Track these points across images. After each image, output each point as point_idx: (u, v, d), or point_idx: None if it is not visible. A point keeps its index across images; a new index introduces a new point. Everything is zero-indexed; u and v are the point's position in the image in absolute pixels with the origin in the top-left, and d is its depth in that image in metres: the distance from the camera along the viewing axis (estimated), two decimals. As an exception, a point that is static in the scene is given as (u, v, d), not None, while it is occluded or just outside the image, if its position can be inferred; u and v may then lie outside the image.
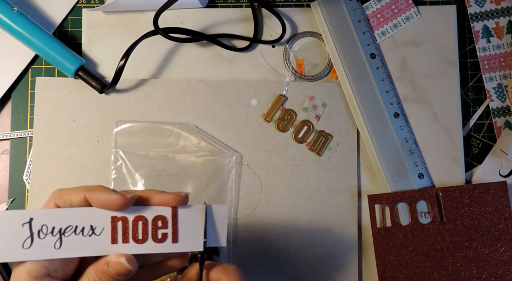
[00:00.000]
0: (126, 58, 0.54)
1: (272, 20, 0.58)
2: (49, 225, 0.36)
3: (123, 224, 0.36)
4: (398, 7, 0.58)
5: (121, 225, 0.36)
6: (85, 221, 0.36)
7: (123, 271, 0.36)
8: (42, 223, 0.36)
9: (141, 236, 0.37)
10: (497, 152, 0.57)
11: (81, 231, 0.36)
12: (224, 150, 0.56)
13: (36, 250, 0.35)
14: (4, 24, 0.54)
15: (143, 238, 0.37)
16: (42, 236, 0.36)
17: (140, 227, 0.37)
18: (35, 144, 0.56)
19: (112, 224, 0.36)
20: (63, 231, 0.36)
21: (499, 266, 0.54)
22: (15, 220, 0.35)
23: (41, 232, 0.36)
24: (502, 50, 0.58)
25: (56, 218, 0.36)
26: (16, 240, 0.35)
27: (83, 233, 0.36)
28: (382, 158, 0.56)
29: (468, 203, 0.54)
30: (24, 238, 0.35)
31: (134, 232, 0.37)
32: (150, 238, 0.37)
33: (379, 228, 0.55)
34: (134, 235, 0.37)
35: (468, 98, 0.58)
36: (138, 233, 0.37)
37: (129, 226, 0.37)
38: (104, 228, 0.36)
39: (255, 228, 0.55)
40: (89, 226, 0.36)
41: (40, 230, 0.36)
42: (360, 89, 0.56)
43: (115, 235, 0.36)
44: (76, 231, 0.36)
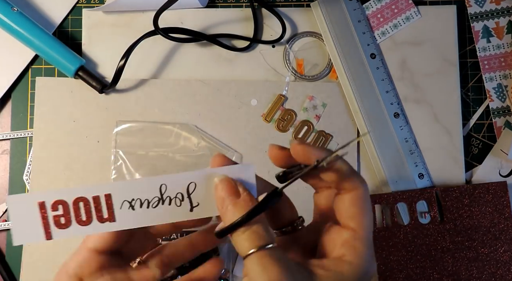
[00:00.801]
0: (126, 58, 0.54)
1: (272, 20, 0.58)
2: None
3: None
4: (398, 7, 0.58)
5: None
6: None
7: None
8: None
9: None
10: (497, 152, 0.57)
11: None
12: (224, 150, 0.56)
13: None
14: (4, 24, 0.54)
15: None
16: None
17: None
18: (35, 144, 0.56)
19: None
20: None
21: (499, 266, 0.54)
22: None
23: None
24: (502, 50, 0.58)
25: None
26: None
27: (133, 207, 0.37)
28: (382, 158, 0.56)
29: (468, 203, 0.54)
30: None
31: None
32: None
33: (379, 228, 0.55)
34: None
35: (468, 98, 0.58)
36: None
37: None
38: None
39: (255, 228, 0.55)
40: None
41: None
42: (360, 89, 0.56)
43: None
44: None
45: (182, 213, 0.37)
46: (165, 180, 0.37)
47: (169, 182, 0.37)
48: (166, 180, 0.37)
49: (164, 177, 0.37)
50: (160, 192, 0.37)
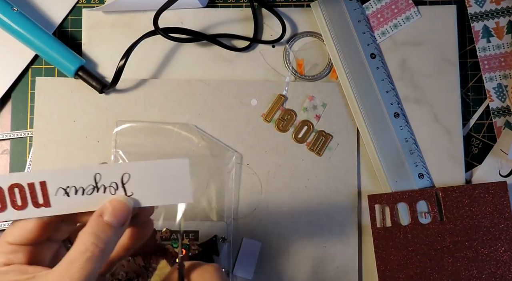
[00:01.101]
0: (126, 58, 0.54)
1: (272, 20, 0.58)
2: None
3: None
4: (398, 7, 0.58)
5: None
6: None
7: (122, 209, 0.36)
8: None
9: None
10: (497, 152, 0.57)
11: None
12: (224, 150, 0.56)
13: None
14: (4, 24, 0.54)
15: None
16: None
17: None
18: (35, 144, 0.56)
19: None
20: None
21: (499, 266, 0.54)
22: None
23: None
24: (502, 50, 0.58)
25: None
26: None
27: (67, 193, 0.37)
28: (382, 158, 0.56)
29: (468, 203, 0.55)
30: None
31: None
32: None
33: (379, 228, 0.55)
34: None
35: (468, 98, 0.58)
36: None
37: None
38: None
39: (255, 228, 0.55)
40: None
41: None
42: (360, 89, 0.56)
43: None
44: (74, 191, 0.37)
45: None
46: (100, 170, 0.37)
47: (103, 172, 0.37)
48: (100, 170, 0.37)
49: (99, 167, 0.38)
50: (95, 180, 0.37)
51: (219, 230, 0.54)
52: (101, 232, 0.35)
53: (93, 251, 0.34)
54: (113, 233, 0.35)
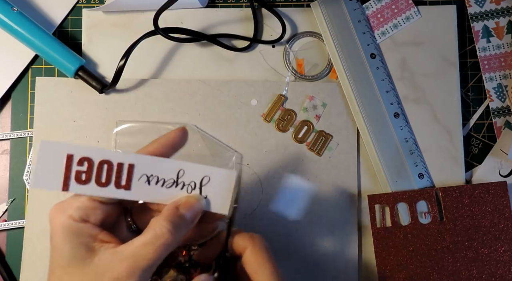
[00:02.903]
0: (126, 58, 0.54)
1: (272, 20, 0.58)
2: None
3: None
4: (398, 7, 0.58)
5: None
6: (154, 171, 0.38)
7: (196, 207, 0.38)
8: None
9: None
10: (497, 152, 0.57)
11: (148, 179, 0.38)
12: (224, 150, 0.56)
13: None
14: (4, 24, 0.54)
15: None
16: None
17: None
18: (35, 144, 0.56)
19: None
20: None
21: (499, 266, 0.54)
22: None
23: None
24: (502, 50, 0.58)
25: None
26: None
27: (149, 182, 0.38)
28: (382, 158, 0.56)
29: (468, 203, 0.55)
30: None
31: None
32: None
33: (379, 228, 0.55)
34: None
35: (468, 98, 0.58)
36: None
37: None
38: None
39: (255, 228, 0.55)
40: (156, 176, 0.38)
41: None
42: (360, 89, 0.56)
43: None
44: (149, 179, 0.38)
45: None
46: (185, 166, 0.38)
47: (187, 169, 0.38)
48: (185, 167, 0.38)
49: (185, 164, 0.39)
50: (177, 176, 0.38)
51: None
52: (176, 223, 0.36)
53: (168, 238, 0.36)
54: (184, 226, 0.37)
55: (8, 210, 0.56)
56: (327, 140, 0.57)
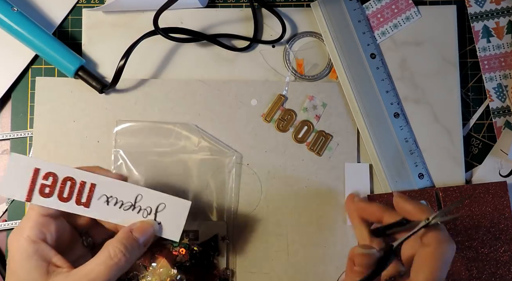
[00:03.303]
0: (126, 58, 0.54)
1: (272, 20, 0.58)
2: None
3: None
4: (398, 7, 0.58)
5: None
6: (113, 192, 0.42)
7: (149, 232, 0.40)
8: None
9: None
10: (497, 152, 0.57)
11: (107, 200, 0.41)
12: (224, 150, 0.56)
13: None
14: (4, 24, 0.54)
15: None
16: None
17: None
18: (35, 144, 0.56)
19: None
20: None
21: (499, 266, 0.54)
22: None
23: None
24: (502, 50, 0.58)
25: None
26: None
27: (108, 202, 0.41)
28: (382, 158, 0.56)
29: (468, 203, 0.54)
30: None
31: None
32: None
33: (379, 228, 0.54)
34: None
35: (468, 98, 0.58)
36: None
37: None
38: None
39: (255, 228, 0.55)
40: (115, 198, 0.41)
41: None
42: (360, 89, 0.56)
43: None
44: (108, 200, 0.41)
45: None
46: (143, 192, 0.42)
47: (145, 195, 0.42)
48: (143, 192, 0.42)
49: (143, 189, 0.42)
50: (135, 200, 0.42)
51: (219, 230, 0.54)
52: (129, 245, 0.39)
53: (120, 259, 0.38)
54: (137, 249, 0.40)
55: (8, 210, 0.56)
56: (327, 140, 0.57)
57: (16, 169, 0.40)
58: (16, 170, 0.40)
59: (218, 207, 0.55)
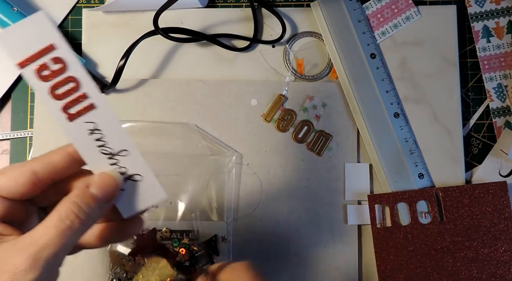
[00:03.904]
0: (126, 58, 0.55)
1: (272, 20, 0.58)
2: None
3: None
4: (398, 7, 0.58)
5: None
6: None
7: (111, 187, 0.33)
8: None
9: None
10: (497, 152, 0.57)
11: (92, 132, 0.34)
12: (224, 150, 0.56)
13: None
14: (4, 24, 0.54)
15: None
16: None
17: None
18: (35, 144, 0.56)
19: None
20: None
21: (499, 266, 0.54)
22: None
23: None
24: (502, 50, 0.58)
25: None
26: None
27: (92, 132, 0.34)
28: (382, 158, 0.56)
29: (468, 203, 0.54)
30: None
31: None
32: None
33: (379, 228, 0.55)
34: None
35: (468, 98, 0.58)
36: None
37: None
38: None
39: (255, 228, 0.55)
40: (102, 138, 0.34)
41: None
42: (360, 89, 0.56)
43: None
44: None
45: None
46: (132, 150, 0.35)
47: (131, 154, 0.35)
48: (132, 150, 0.35)
49: (134, 148, 0.35)
50: (118, 151, 0.35)
51: (219, 230, 0.54)
52: (85, 204, 0.32)
53: (73, 221, 0.31)
54: (97, 207, 0.33)
55: (8, 210, 0.56)
56: (327, 140, 0.57)
57: (32, 29, 0.32)
58: (31, 30, 0.32)
59: (218, 207, 0.55)
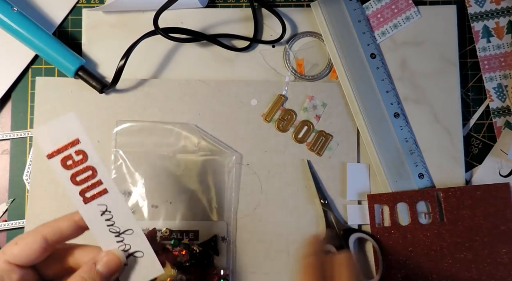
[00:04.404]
0: (126, 58, 0.55)
1: (272, 20, 0.58)
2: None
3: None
4: (398, 7, 0.58)
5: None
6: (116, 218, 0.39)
7: (115, 267, 0.38)
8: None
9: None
10: (497, 152, 0.57)
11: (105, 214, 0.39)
12: (224, 150, 0.56)
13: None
14: (4, 24, 0.54)
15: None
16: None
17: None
18: (35, 144, 0.56)
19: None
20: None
21: (500, 267, 0.54)
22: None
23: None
24: (502, 50, 0.58)
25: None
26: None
27: (103, 214, 0.39)
28: (382, 158, 0.56)
29: (469, 204, 0.54)
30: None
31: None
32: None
33: (378, 228, 0.54)
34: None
35: (468, 98, 0.58)
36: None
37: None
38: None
39: (255, 228, 0.55)
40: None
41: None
42: (360, 89, 0.56)
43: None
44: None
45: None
46: (135, 229, 0.40)
47: (135, 233, 0.39)
48: (135, 230, 0.40)
49: (138, 228, 0.40)
50: (125, 230, 0.39)
51: (219, 230, 0.54)
52: (92, 279, 0.37)
53: None
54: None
55: (8, 210, 0.56)
56: (327, 140, 0.57)
57: (63, 127, 0.38)
58: (62, 127, 0.38)
59: (218, 207, 0.55)
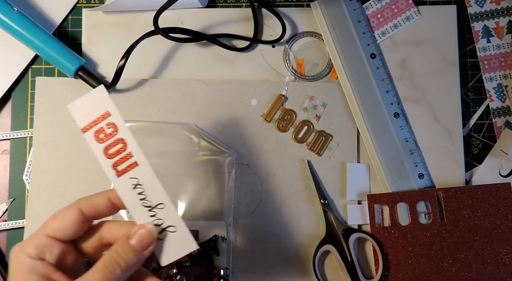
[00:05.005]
0: (126, 58, 0.55)
1: (272, 20, 0.58)
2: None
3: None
4: (398, 7, 0.58)
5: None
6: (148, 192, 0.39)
7: (148, 241, 0.38)
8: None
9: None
10: (497, 152, 0.57)
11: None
12: (224, 150, 0.56)
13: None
14: (4, 24, 0.54)
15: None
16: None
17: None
18: (35, 144, 0.56)
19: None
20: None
21: (500, 268, 0.54)
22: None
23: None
24: (502, 50, 0.58)
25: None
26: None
27: (135, 187, 0.39)
28: (382, 158, 0.56)
29: (470, 204, 0.54)
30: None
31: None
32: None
33: (378, 228, 0.54)
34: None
35: (468, 98, 0.58)
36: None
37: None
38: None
39: (255, 228, 0.55)
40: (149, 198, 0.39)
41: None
42: (360, 89, 0.56)
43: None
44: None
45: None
46: (167, 204, 0.39)
47: (167, 208, 0.39)
48: (168, 204, 0.39)
49: (169, 202, 0.39)
50: (156, 205, 0.39)
51: (219, 230, 0.54)
52: (125, 254, 0.38)
53: (114, 269, 0.37)
54: (135, 256, 0.38)
55: (8, 210, 0.56)
56: (327, 140, 0.57)
57: (94, 100, 0.39)
58: (94, 101, 0.39)
59: (218, 207, 0.55)
